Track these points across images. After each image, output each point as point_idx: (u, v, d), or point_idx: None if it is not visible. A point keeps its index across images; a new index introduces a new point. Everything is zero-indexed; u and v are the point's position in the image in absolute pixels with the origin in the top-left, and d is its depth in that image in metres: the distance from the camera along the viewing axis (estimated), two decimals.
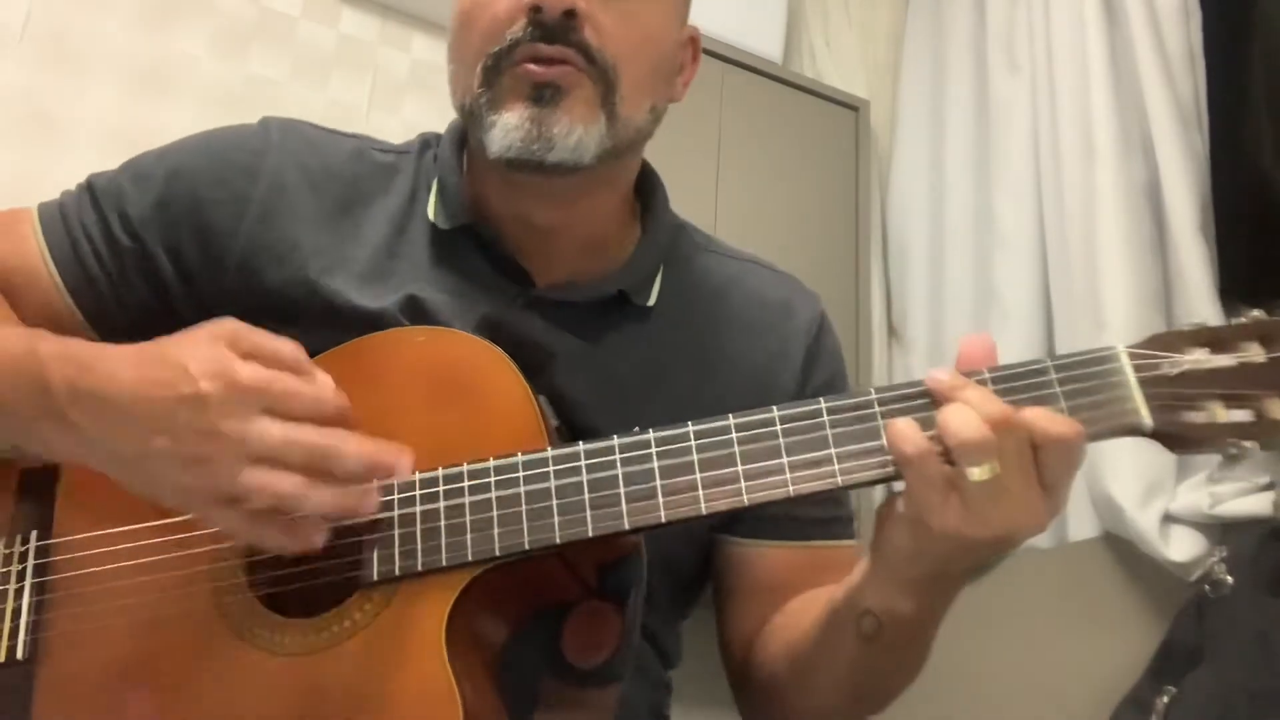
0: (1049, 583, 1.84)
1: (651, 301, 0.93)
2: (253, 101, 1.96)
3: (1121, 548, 1.70)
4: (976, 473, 0.62)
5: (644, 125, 0.89)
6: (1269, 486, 1.58)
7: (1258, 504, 1.56)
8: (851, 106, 2.42)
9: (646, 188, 0.98)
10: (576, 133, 0.83)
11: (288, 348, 0.70)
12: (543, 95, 0.83)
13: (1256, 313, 0.68)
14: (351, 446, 0.67)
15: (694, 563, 0.94)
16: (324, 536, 0.69)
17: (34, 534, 0.80)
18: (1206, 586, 1.48)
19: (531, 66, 0.83)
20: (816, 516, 0.92)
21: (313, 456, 0.66)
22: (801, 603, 0.87)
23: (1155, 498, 1.64)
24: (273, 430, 0.66)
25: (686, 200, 2.11)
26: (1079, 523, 1.83)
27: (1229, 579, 1.45)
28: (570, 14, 0.82)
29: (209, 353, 0.68)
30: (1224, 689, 1.37)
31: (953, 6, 2.43)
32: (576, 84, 0.83)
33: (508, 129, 0.83)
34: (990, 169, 2.18)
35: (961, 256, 2.21)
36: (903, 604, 0.72)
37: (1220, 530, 1.60)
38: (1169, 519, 1.63)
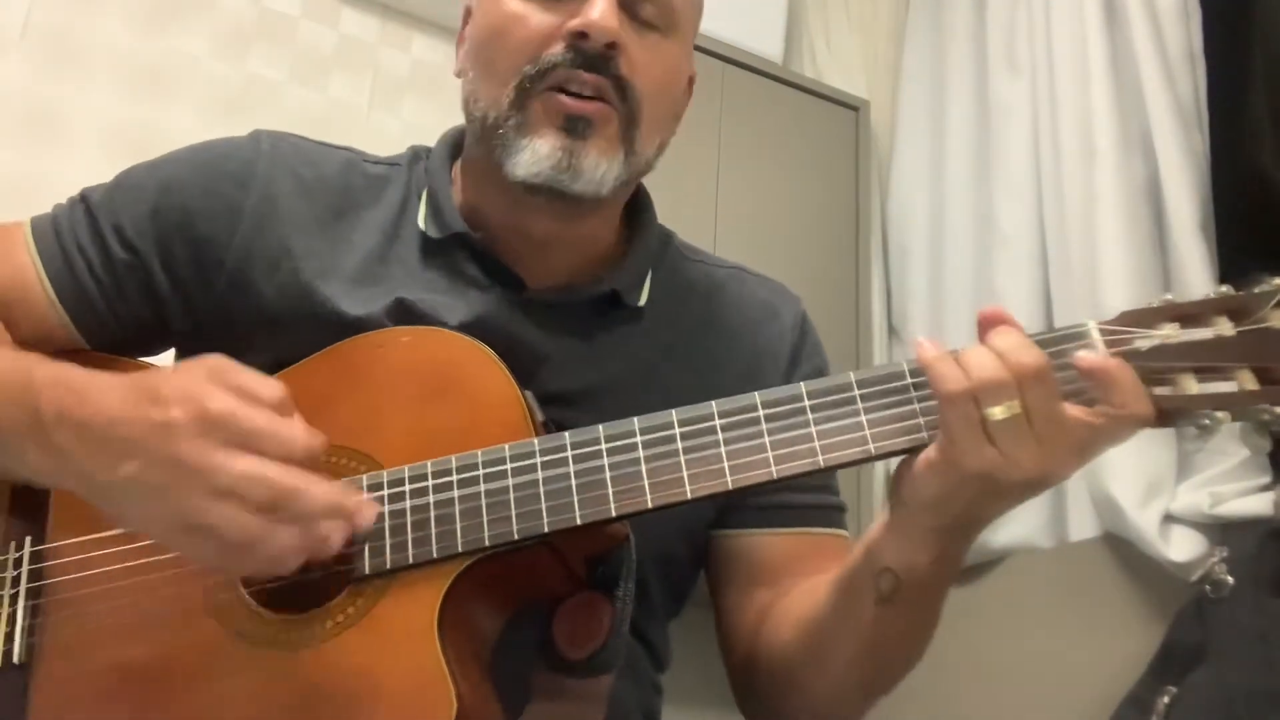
0: (1049, 583, 1.84)
1: (642, 302, 0.94)
2: (253, 101, 1.96)
3: (1122, 548, 1.70)
4: (996, 412, 0.65)
5: (652, 160, 0.92)
6: (1269, 486, 1.58)
7: (1258, 504, 1.56)
8: (851, 106, 2.42)
9: (635, 198, 1.00)
10: (602, 167, 0.85)
11: (269, 387, 0.69)
12: (575, 127, 0.84)
13: (1224, 288, 0.69)
14: (316, 490, 0.66)
15: (689, 560, 0.94)
16: (298, 562, 0.67)
17: (28, 540, 0.81)
18: (1207, 587, 1.48)
19: (565, 98, 0.84)
20: (810, 503, 0.94)
21: (274, 495, 0.65)
22: (811, 583, 0.87)
23: (1155, 498, 1.64)
24: (236, 464, 0.65)
25: (686, 200, 2.12)
26: (1079, 523, 1.83)
27: (1229, 579, 1.45)
28: (612, 45, 0.84)
29: (186, 381, 0.68)
30: (1225, 689, 1.36)
31: (953, 7, 2.43)
32: (606, 120, 0.85)
33: (539, 156, 0.84)
34: (990, 169, 2.18)
35: (961, 256, 2.21)
36: (922, 556, 0.73)
37: (1220, 530, 1.60)
38: (1169, 519, 1.63)
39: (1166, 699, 1.43)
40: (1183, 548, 1.59)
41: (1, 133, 1.74)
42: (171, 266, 0.89)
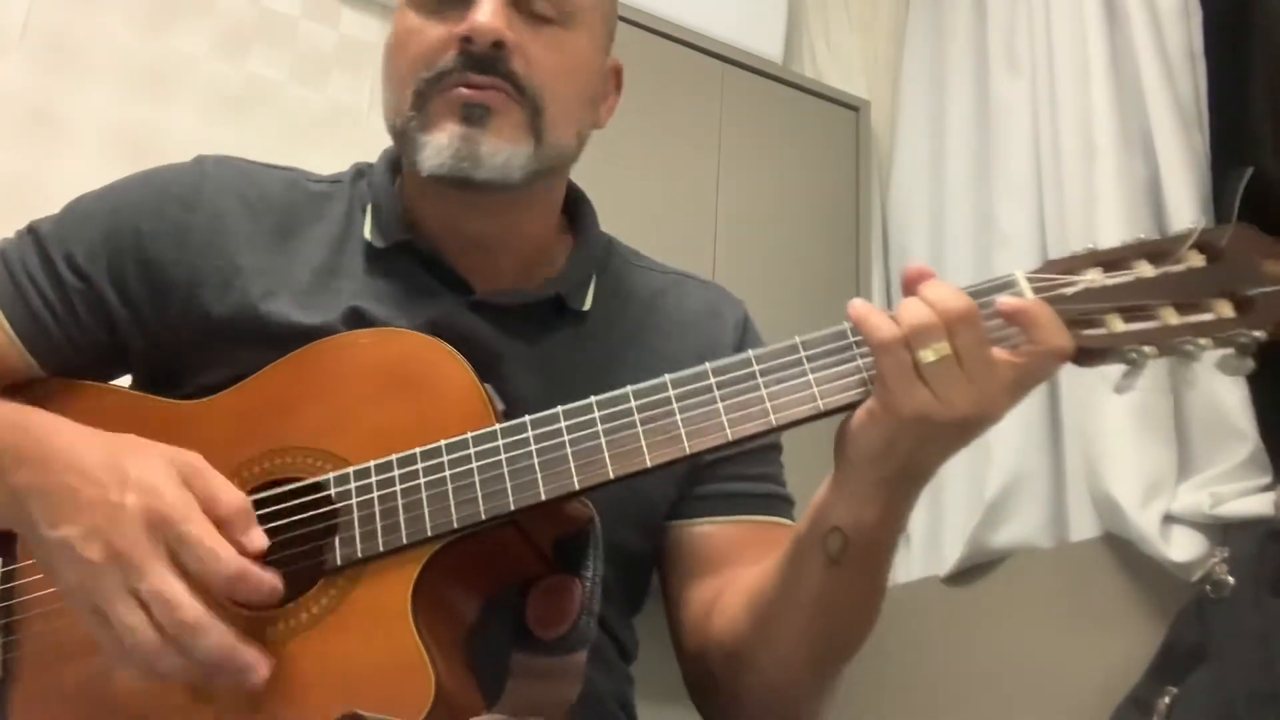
0: (1049, 583, 1.84)
1: (587, 306, 0.96)
2: (253, 101, 1.96)
3: (1122, 548, 1.70)
4: (927, 354, 0.69)
5: (569, 150, 0.93)
6: (1269, 486, 1.58)
7: (1258, 504, 1.56)
8: (851, 106, 2.42)
9: (575, 203, 1.02)
10: (504, 153, 0.87)
11: (233, 497, 0.72)
12: (472, 115, 0.86)
13: (1141, 235, 0.73)
14: (213, 638, 0.69)
15: (643, 552, 0.96)
16: (175, 671, 0.70)
17: None
18: (1207, 587, 1.48)
19: (462, 89, 0.87)
20: (755, 492, 0.96)
21: (177, 625, 0.68)
22: (760, 565, 0.88)
23: (1156, 498, 1.64)
24: (156, 578, 0.68)
25: (687, 200, 2.12)
26: (1079, 523, 1.83)
27: (1230, 579, 1.45)
28: (499, 45, 0.86)
29: (154, 469, 0.71)
30: (1225, 690, 1.36)
31: (953, 6, 2.43)
32: (505, 107, 0.87)
33: (439, 148, 0.87)
34: (990, 169, 2.18)
35: (962, 256, 2.21)
36: (869, 513, 0.75)
37: (1221, 530, 1.60)
38: (1170, 519, 1.63)
39: (1167, 699, 1.43)
40: (1183, 548, 1.59)
41: (1, 133, 1.74)
42: (124, 290, 0.90)
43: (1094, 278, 0.72)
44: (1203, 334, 0.70)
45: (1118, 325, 0.71)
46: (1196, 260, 0.71)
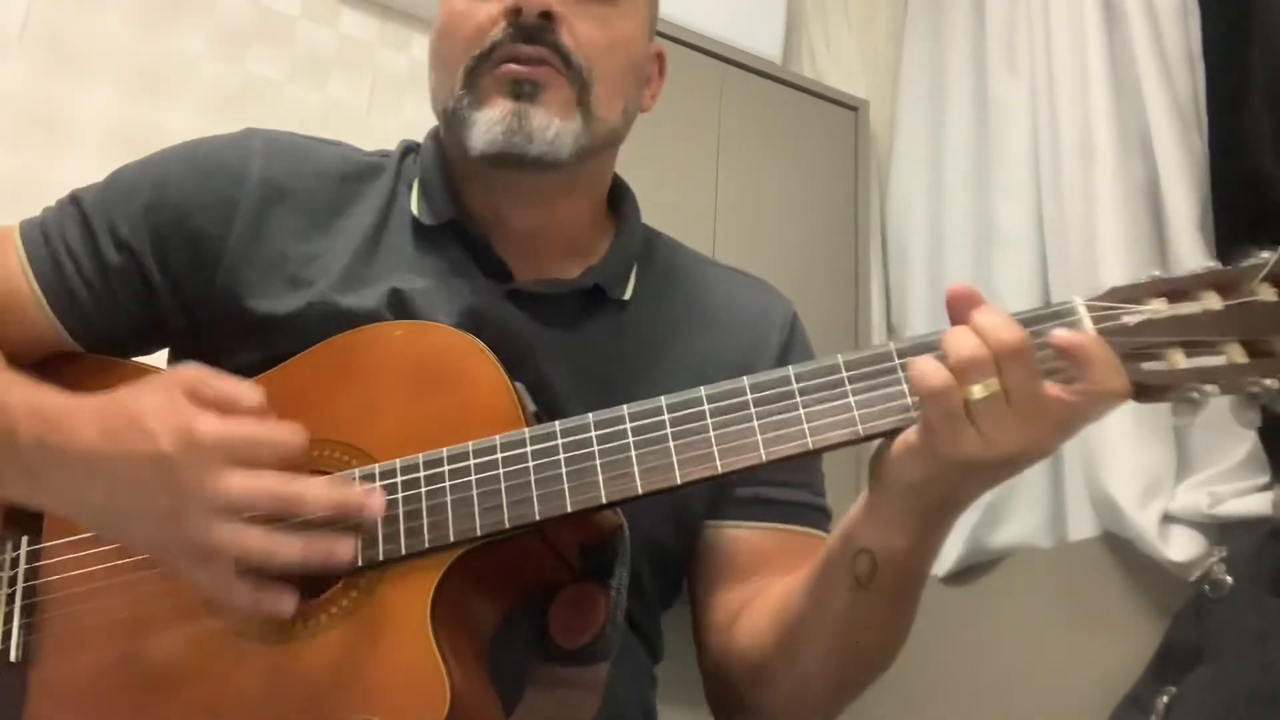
0: (1049, 583, 1.84)
1: (627, 296, 0.95)
2: (253, 101, 1.96)
3: (1121, 548, 1.70)
4: (976, 390, 0.65)
5: (617, 125, 0.93)
6: (1268, 486, 1.58)
7: (1257, 504, 1.56)
8: (851, 106, 2.42)
9: (619, 194, 1.02)
10: (554, 127, 0.86)
11: (247, 394, 0.71)
12: (522, 91, 0.86)
13: (1211, 264, 0.69)
14: (316, 492, 0.68)
15: (678, 550, 0.94)
16: (292, 603, 0.69)
17: (24, 539, 0.81)
18: (1206, 586, 1.48)
19: (511, 65, 0.86)
20: (793, 500, 0.94)
21: (277, 505, 0.67)
22: (789, 578, 0.86)
23: (1155, 498, 1.64)
24: (234, 484, 0.67)
25: (687, 200, 2.13)
26: (1079, 523, 1.83)
27: (1228, 579, 1.45)
28: (547, 15, 0.86)
29: (166, 407, 0.69)
30: (1224, 689, 1.37)
31: (952, 7, 2.43)
32: (554, 82, 0.87)
33: (490, 123, 0.86)
34: (990, 169, 2.19)
35: (961, 256, 2.21)
36: (900, 538, 0.72)
37: (1219, 530, 1.60)
38: (1168, 519, 1.63)
39: (1166, 699, 1.44)
40: (1182, 547, 1.59)
41: (1, 133, 1.74)
42: (167, 263, 0.89)
43: (1158, 308, 0.67)
44: (1271, 374, 0.65)
45: (1180, 361, 0.67)
46: (1268, 294, 0.66)
